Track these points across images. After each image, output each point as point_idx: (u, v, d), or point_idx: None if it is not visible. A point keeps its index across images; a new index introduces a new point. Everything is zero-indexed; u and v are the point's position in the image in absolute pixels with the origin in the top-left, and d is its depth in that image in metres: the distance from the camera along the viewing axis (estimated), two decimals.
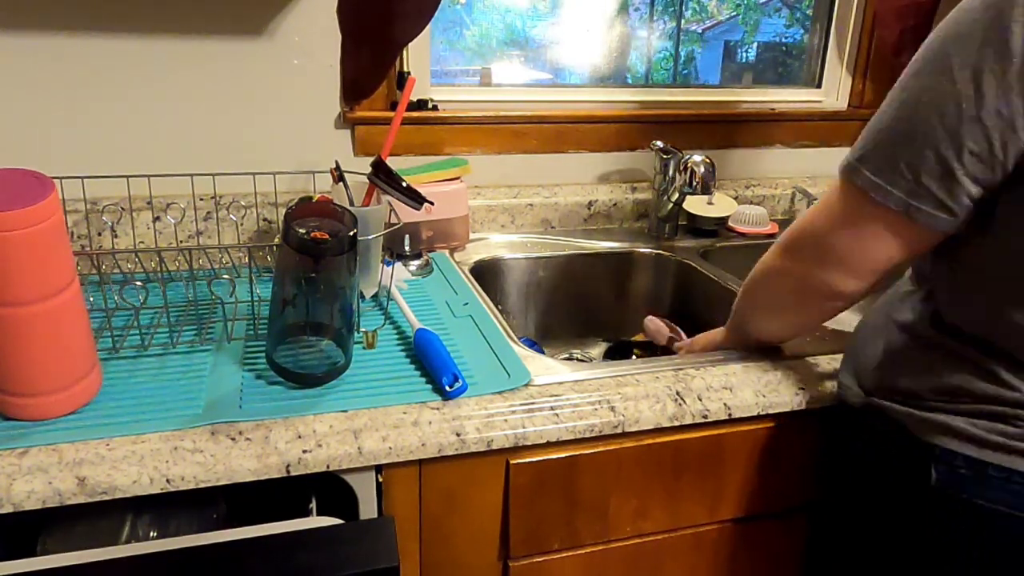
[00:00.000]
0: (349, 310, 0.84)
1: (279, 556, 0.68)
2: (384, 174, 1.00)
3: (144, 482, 0.69)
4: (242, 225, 1.19)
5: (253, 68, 1.17)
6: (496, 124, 1.33)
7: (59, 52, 1.08)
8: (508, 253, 1.27)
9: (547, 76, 1.47)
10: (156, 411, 0.77)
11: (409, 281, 1.13)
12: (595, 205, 1.40)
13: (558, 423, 0.80)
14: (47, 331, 0.72)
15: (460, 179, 1.23)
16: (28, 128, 1.10)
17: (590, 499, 0.86)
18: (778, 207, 1.51)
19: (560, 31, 1.45)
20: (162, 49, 1.12)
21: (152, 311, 0.97)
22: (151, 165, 1.15)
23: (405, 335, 0.95)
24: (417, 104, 1.28)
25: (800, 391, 0.88)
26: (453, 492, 0.82)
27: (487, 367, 0.88)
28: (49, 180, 0.72)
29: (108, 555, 0.66)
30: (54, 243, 0.71)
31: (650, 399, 0.84)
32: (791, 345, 0.97)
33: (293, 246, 0.79)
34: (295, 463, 0.73)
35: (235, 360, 0.88)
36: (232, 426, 0.75)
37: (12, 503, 0.67)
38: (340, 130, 1.24)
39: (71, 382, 0.75)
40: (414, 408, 0.79)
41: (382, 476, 0.78)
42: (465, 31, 1.41)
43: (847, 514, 0.84)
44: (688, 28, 1.53)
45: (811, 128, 1.52)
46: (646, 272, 1.33)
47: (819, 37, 1.57)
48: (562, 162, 1.39)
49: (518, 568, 0.87)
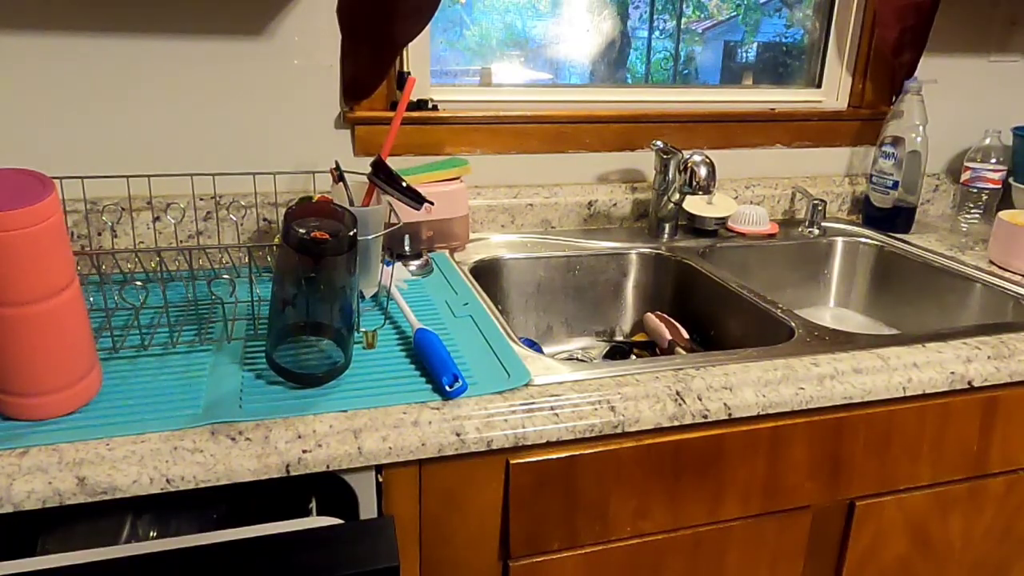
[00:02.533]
0: (349, 310, 0.84)
1: (279, 556, 0.68)
2: (384, 174, 1.00)
3: (144, 482, 0.69)
4: (242, 225, 1.19)
5: (253, 68, 1.17)
6: (496, 124, 1.33)
7: (59, 52, 1.08)
8: (508, 253, 1.27)
9: (547, 76, 1.47)
10: (156, 411, 0.77)
11: (409, 281, 1.13)
12: (595, 205, 1.40)
13: (558, 423, 0.80)
14: (47, 331, 0.72)
15: (460, 179, 1.23)
16: (28, 128, 1.10)
17: (590, 499, 0.86)
18: (778, 207, 1.51)
19: (560, 31, 1.45)
20: (162, 49, 1.12)
21: (152, 311, 0.97)
22: (151, 165, 1.15)
23: (405, 335, 0.95)
24: (417, 104, 1.28)
25: (800, 391, 0.88)
26: (453, 492, 0.82)
27: (487, 367, 0.88)
28: (49, 180, 0.72)
29: (108, 555, 0.66)
30: (54, 243, 0.71)
31: (650, 399, 0.84)
32: (792, 345, 0.97)
33: (293, 246, 0.79)
34: (295, 463, 0.73)
35: (235, 360, 0.88)
36: (232, 426, 0.75)
37: (12, 503, 0.67)
38: (340, 130, 1.24)
39: (71, 382, 0.75)
40: (414, 408, 0.79)
41: (382, 476, 0.78)
42: (465, 31, 1.41)
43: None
44: (688, 28, 1.53)
45: (811, 128, 1.52)
46: (646, 272, 1.33)
47: (819, 37, 1.57)
48: (562, 162, 1.39)
49: (518, 568, 0.87)
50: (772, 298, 1.12)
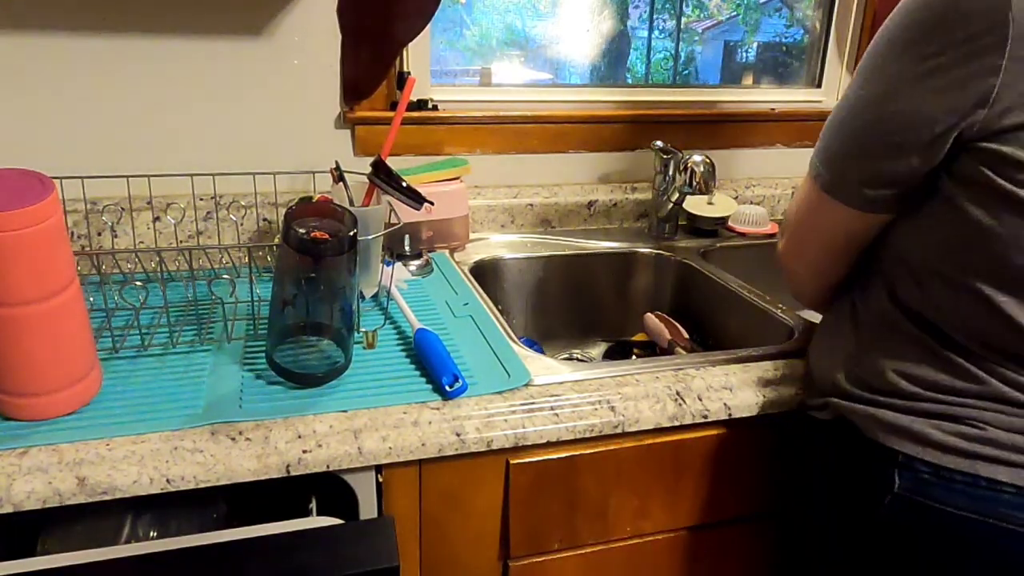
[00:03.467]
0: (349, 310, 0.84)
1: (279, 556, 0.68)
2: (384, 174, 1.00)
3: (144, 482, 0.69)
4: (242, 225, 1.19)
5: (253, 68, 1.17)
6: (496, 124, 1.33)
7: (59, 52, 1.08)
8: (508, 253, 1.27)
9: (547, 76, 1.47)
10: (156, 411, 0.77)
11: (409, 281, 1.13)
12: (595, 205, 1.40)
13: (558, 423, 0.80)
14: (47, 331, 0.72)
15: (460, 179, 1.23)
16: (28, 128, 1.10)
17: (590, 499, 0.86)
18: (778, 207, 1.51)
19: (560, 31, 1.45)
20: (162, 49, 1.12)
21: (152, 311, 0.97)
22: (151, 165, 1.15)
23: (405, 335, 0.95)
24: (417, 104, 1.28)
25: (800, 391, 0.88)
26: (453, 492, 0.82)
27: (487, 367, 0.88)
28: (49, 180, 0.72)
29: (108, 555, 0.66)
30: (54, 243, 0.71)
31: (650, 399, 0.84)
32: (792, 345, 0.97)
33: (293, 246, 0.79)
34: (295, 463, 0.73)
35: (235, 360, 0.88)
36: (232, 426, 0.75)
37: (12, 503, 0.67)
38: (340, 130, 1.24)
39: (71, 382, 0.75)
40: (414, 408, 0.79)
41: (382, 476, 0.78)
42: (465, 31, 1.41)
43: (812, 520, 0.83)
44: (688, 28, 1.53)
45: (811, 128, 1.52)
46: (646, 272, 1.33)
47: (819, 37, 1.57)
48: (562, 162, 1.39)
49: (518, 568, 0.87)
50: (772, 298, 1.12)
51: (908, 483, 0.69)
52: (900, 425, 0.70)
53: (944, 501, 0.68)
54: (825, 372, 0.80)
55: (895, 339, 0.73)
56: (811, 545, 0.84)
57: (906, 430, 0.70)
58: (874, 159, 0.69)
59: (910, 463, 0.69)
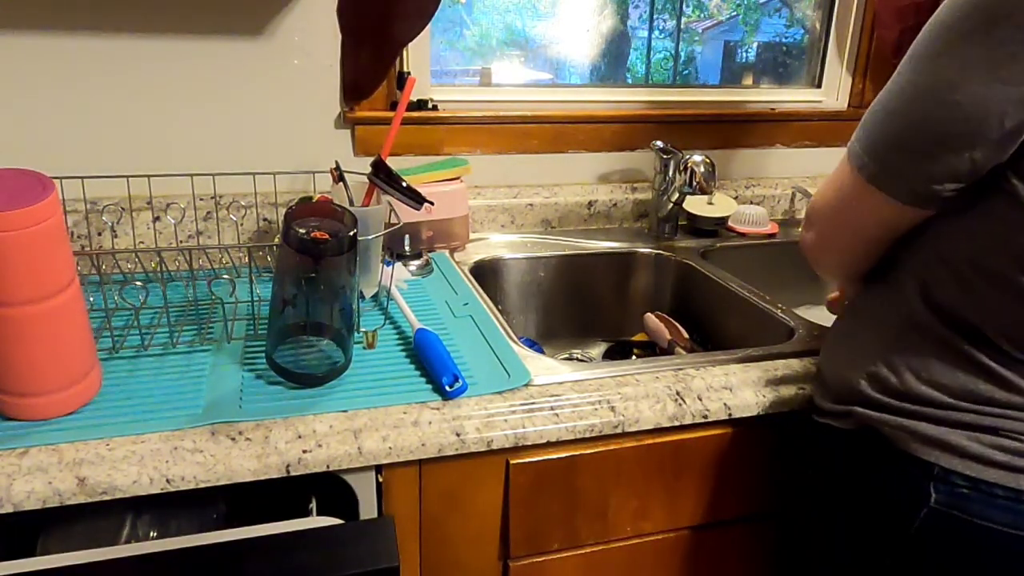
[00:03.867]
0: (349, 310, 0.84)
1: (279, 556, 0.68)
2: (384, 174, 1.00)
3: (144, 482, 0.69)
4: (242, 225, 1.19)
5: (253, 68, 1.17)
6: (496, 124, 1.33)
7: (59, 52, 1.08)
8: (508, 253, 1.27)
9: (547, 76, 1.47)
10: (156, 411, 0.77)
11: (409, 281, 1.13)
12: (595, 205, 1.40)
13: (558, 423, 0.80)
14: (47, 331, 0.72)
15: (460, 179, 1.23)
16: (28, 128, 1.10)
17: (590, 499, 0.86)
18: (778, 207, 1.51)
19: (560, 31, 1.45)
20: (162, 49, 1.12)
21: (152, 311, 0.97)
22: (151, 165, 1.15)
23: (405, 335, 0.95)
24: (417, 104, 1.28)
25: (800, 391, 0.88)
26: (453, 492, 0.82)
27: (487, 367, 0.88)
28: (49, 180, 0.72)
29: (108, 555, 0.66)
30: (54, 243, 0.71)
31: (650, 399, 0.84)
32: (792, 345, 0.97)
33: (293, 246, 0.79)
34: (295, 463, 0.73)
35: (235, 360, 0.88)
36: (232, 426, 0.75)
37: (12, 503, 0.67)
38: (340, 130, 1.24)
39: (71, 382, 0.75)
40: (414, 408, 0.79)
41: (382, 476, 0.78)
42: (465, 31, 1.41)
43: (815, 520, 0.81)
44: (688, 28, 1.53)
45: (811, 128, 1.52)
46: (646, 272, 1.33)
47: (819, 37, 1.57)
48: (562, 162, 1.39)
49: (518, 568, 0.87)
50: (772, 298, 1.12)
51: (945, 497, 0.66)
52: (936, 437, 0.67)
53: (984, 516, 0.65)
54: (843, 377, 0.76)
55: (926, 343, 0.69)
56: (814, 546, 0.83)
57: (942, 442, 0.67)
58: (928, 152, 0.64)
59: (946, 476, 0.66)
